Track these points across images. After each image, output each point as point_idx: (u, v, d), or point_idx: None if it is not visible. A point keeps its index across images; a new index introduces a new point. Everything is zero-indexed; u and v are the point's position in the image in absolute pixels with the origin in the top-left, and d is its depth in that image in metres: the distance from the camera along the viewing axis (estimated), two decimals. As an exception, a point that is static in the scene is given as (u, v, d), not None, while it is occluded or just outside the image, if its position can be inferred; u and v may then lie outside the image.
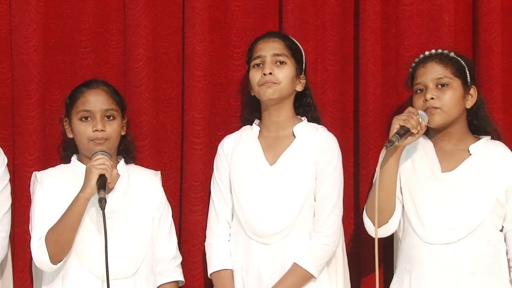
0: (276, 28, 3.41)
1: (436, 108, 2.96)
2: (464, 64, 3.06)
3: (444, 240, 2.98)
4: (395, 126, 2.88)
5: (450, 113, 3.00)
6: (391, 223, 3.00)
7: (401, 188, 3.04)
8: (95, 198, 2.92)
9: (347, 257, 3.24)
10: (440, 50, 3.10)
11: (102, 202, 2.86)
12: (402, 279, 3.02)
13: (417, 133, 2.91)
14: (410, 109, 2.96)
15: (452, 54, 3.07)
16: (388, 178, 2.94)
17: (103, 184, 2.90)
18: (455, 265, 2.98)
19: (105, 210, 2.93)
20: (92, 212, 3.01)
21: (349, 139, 3.40)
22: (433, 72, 3.01)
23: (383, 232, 3.01)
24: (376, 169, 2.99)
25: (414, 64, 3.11)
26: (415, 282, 3.01)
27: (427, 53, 3.10)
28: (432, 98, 2.97)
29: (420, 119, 2.92)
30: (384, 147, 2.84)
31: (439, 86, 3.00)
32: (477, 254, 2.97)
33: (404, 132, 2.87)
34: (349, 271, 3.26)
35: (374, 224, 2.92)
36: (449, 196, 3.02)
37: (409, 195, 3.02)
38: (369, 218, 3.00)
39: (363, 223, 3.08)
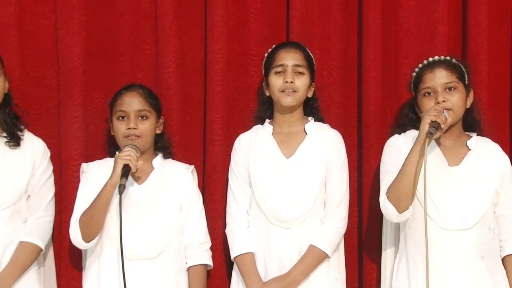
0: (284, 38, 3.49)
1: (449, 109, 3.02)
2: (464, 70, 3.14)
3: (459, 226, 3.04)
4: (427, 121, 2.94)
5: (459, 112, 3.07)
6: (411, 209, 3.05)
7: None
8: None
9: (351, 240, 3.36)
10: (443, 57, 3.15)
11: (120, 188, 2.97)
12: (416, 261, 3.07)
13: (443, 128, 2.98)
14: (436, 107, 3.01)
15: (454, 60, 3.14)
16: (416, 167, 2.97)
17: (126, 173, 3.01)
18: (467, 249, 3.04)
19: (133, 199, 3.10)
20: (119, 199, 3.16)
21: (353, 137, 3.47)
22: (442, 77, 3.06)
23: (405, 216, 3.05)
24: (408, 158, 2.96)
25: (418, 70, 3.16)
26: (431, 264, 3.05)
27: (431, 59, 3.15)
28: (444, 101, 3.03)
29: (446, 116, 2.99)
30: (427, 137, 2.89)
31: (447, 90, 3.06)
32: (483, 239, 3.06)
33: (438, 126, 2.94)
34: (352, 253, 3.37)
35: (397, 209, 2.99)
36: (459, 187, 3.08)
37: (421, 185, 3.07)
38: (392, 203, 3.04)
39: (379, 209, 3.10)
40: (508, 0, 3.50)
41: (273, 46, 3.31)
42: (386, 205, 3.02)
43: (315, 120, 3.28)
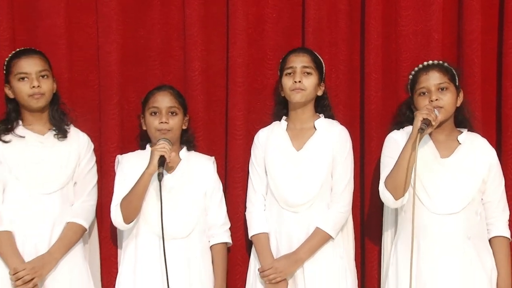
0: (300, 45, 3.61)
1: (441, 107, 3.15)
2: (455, 72, 3.27)
3: (448, 211, 3.16)
4: (419, 119, 3.05)
5: (450, 110, 3.20)
6: (406, 195, 3.16)
7: None
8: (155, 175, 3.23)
9: (354, 222, 3.47)
10: (436, 61, 3.28)
11: (159, 176, 3.14)
12: (409, 242, 3.12)
13: (434, 125, 3.10)
14: (427, 106, 3.13)
15: (446, 64, 3.27)
16: (410, 160, 3.08)
17: (163, 163, 3.18)
18: (455, 230, 3.17)
19: (166, 186, 3.23)
20: (155, 185, 3.25)
21: (356, 132, 3.60)
22: (435, 79, 3.19)
23: (400, 202, 3.18)
24: (402, 152, 3.08)
25: (414, 72, 3.28)
26: (424, 244, 3.17)
27: (425, 63, 3.28)
28: (437, 100, 3.15)
29: (436, 114, 3.11)
30: (418, 133, 3.02)
31: (440, 90, 3.19)
32: (470, 222, 3.19)
33: (428, 122, 3.06)
34: (356, 233, 3.50)
35: (394, 197, 3.13)
36: (449, 177, 3.20)
37: (414, 173, 3.12)
38: (389, 191, 3.16)
39: (379, 199, 3.24)
40: (494, 10, 3.61)
41: (287, 53, 3.44)
42: (384, 193, 3.17)
43: (326, 117, 3.41)
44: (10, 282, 3.19)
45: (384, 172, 3.21)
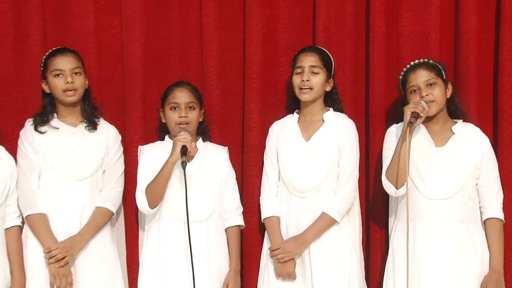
0: (311, 43, 3.70)
1: (432, 101, 3.25)
2: (441, 68, 3.35)
3: (441, 196, 3.25)
4: (407, 113, 3.15)
5: (441, 103, 3.29)
6: (406, 184, 3.23)
7: None
8: (179, 163, 3.28)
9: (360, 207, 3.53)
10: (422, 60, 3.37)
11: (183, 164, 3.22)
12: (406, 224, 3.21)
13: (423, 117, 3.18)
14: (414, 100, 3.22)
15: (431, 61, 3.35)
16: (406, 152, 3.18)
17: (185, 152, 3.26)
18: (448, 214, 3.26)
19: (186, 173, 3.29)
20: (177, 173, 3.33)
21: (362, 124, 3.67)
22: (422, 76, 3.29)
23: (401, 191, 3.25)
24: (397, 145, 3.20)
25: (403, 73, 3.37)
26: (419, 226, 3.26)
27: (412, 63, 3.37)
28: (427, 95, 3.24)
29: (424, 106, 3.19)
30: (408, 127, 3.12)
31: (428, 85, 3.28)
32: (463, 206, 3.28)
33: (417, 115, 3.14)
34: (361, 217, 3.55)
35: (395, 186, 3.22)
36: (443, 164, 3.29)
37: (413, 164, 3.24)
38: (389, 181, 3.26)
39: (382, 186, 3.32)
40: (492, 11, 3.68)
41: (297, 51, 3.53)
42: (386, 184, 3.28)
43: (335, 110, 3.49)
44: (44, 260, 3.29)
45: (385, 163, 3.31)
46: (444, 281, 3.24)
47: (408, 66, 3.38)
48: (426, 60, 3.37)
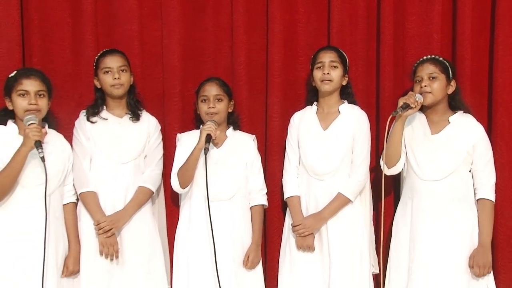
0: (326, 44, 3.82)
1: (429, 92, 3.38)
2: (448, 65, 3.47)
3: (433, 178, 3.41)
4: (399, 104, 3.32)
5: (437, 95, 3.40)
6: (398, 165, 3.44)
7: (405, 144, 3.47)
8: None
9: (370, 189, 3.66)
10: (432, 56, 3.51)
11: (205, 150, 3.38)
12: (406, 202, 3.48)
13: (415, 107, 3.31)
14: (410, 93, 3.36)
15: (441, 58, 3.48)
16: (397, 137, 3.37)
17: (209, 140, 3.40)
18: (441, 193, 3.41)
19: (213, 158, 3.48)
20: (204, 158, 3.44)
21: (373, 114, 3.80)
22: (428, 69, 3.42)
23: (393, 170, 3.45)
24: (390, 131, 3.36)
25: (416, 64, 3.49)
26: (416, 204, 3.44)
27: (424, 57, 3.50)
28: (426, 86, 3.38)
29: (417, 98, 3.32)
30: (391, 114, 3.29)
31: (430, 78, 3.40)
32: (455, 187, 3.41)
33: (405, 106, 3.29)
34: (372, 197, 3.68)
35: (387, 166, 3.44)
36: (437, 150, 3.42)
37: (410, 149, 3.44)
38: (384, 162, 3.45)
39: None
40: (487, 14, 3.81)
41: (316, 50, 3.64)
42: (381, 163, 3.48)
43: (349, 103, 3.60)
44: (94, 231, 3.47)
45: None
46: (437, 251, 3.38)
47: (421, 59, 3.49)
48: (435, 56, 3.50)
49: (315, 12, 3.91)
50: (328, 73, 3.51)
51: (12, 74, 3.39)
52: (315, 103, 3.67)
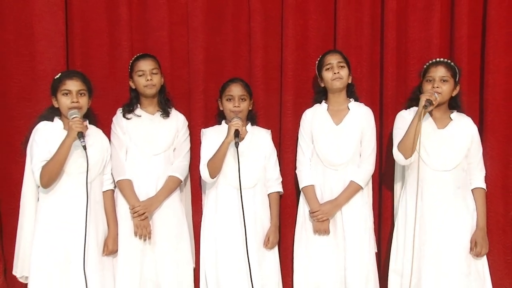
0: (333, 47, 3.98)
1: (439, 93, 3.48)
2: (457, 71, 3.58)
3: (442, 168, 3.54)
4: (423, 99, 3.38)
5: (445, 97, 3.54)
6: (413, 156, 3.48)
7: None
8: (233, 143, 3.56)
9: (374, 176, 3.82)
10: (446, 59, 3.58)
11: (236, 144, 3.52)
12: (415, 190, 3.50)
13: (435, 104, 3.41)
14: (430, 91, 3.44)
15: (452, 63, 3.57)
16: (416, 130, 3.41)
17: (237, 134, 3.55)
18: (448, 182, 3.55)
19: (238, 151, 3.58)
20: (231, 151, 3.62)
21: (376, 111, 3.94)
22: (440, 72, 3.52)
23: (409, 161, 3.48)
24: (411, 123, 3.41)
25: (428, 64, 3.56)
26: (426, 191, 3.53)
27: (438, 59, 3.57)
28: (438, 87, 3.49)
29: (436, 96, 3.43)
30: (423, 109, 3.34)
31: (442, 81, 3.51)
32: (458, 176, 3.57)
33: (430, 102, 3.38)
34: (375, 184, 3.86)
35: (404, 156, 3.45)
36: (444, 143, 3.54)
37: (420, 142, 3.48)
38: (401, 153, 3.47)
39: (392, 157, 3.55)
40: (479, 20, 3.96)
41: (321, 55, 3.79)
42: (397, 155, 3.55)
43: (354, 101, 3.76)
44: (129, 215, 3.64)
45: (396, 139, 3.58)
46: (444, 232, 3.54)
47: (434, 60, 3.59)
48: (448, 61, 3.60)
49: (324, 19, 4.04)
50: (338, 72, 3.68)
51: (57, 76, 3.59)
52: (324, 101, 3.82)
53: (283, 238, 3.95)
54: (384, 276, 3.78)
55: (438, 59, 3.59)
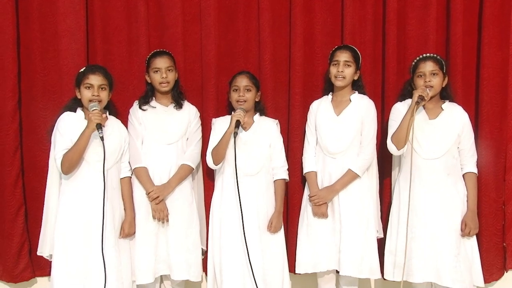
0: (339, 43, 4.05)
1: (431, 87, 3.62)
2: (444, 64, 3.72)
3: (433, 156, 3.66)
4: (416, 95, 3.51)
5: (437, 89, 3.69)
6: (405, 147, 3.62)
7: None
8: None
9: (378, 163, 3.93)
10: (432, 54, 3.72)
11: (235, 134, 3.62)
12: (407, 177, 3.64)
13: (427, 99, 3.55)
14: (422, 87, 3.56)
15: (438, 57, 3.72)
16: (409, 123, 3.54)
17: (238, 125, 3.65)
18: (438, 169, 3.67)
19: (242, 139, 3.71)
20: (236, 140, 3.70)
21: (378, 103, 4.04)
22: (430, 67, 3.65)
23: (401, 151, 3.63)
24: (404, 117, 3.54)
25: (416, 60, 3.69)
26: (418, 177, 3.65)
27: (425, 55, 3.70)
28: (429, 81, 3.63)
29: (428, 92, 3.56)
30: (416, 105, 3.46)
31: (432, 74, 3.65)
32: (448, 163, 3.68)
33: (422, 98, 3.52)
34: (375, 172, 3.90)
35: (397, 147, 3.59)
36: (435, 132, 3.66)
37: (412, 132, 3.60)
38: (393, 144, 3.62)
39: (387, 148, 3.68)
40: (474, 17, 4.07)
41: (334, 48, 3.87)
42: (390, 146, 3.68)
43: (359, 93, 3.87)
44: (145, 200, 3.79)
45: (390, 131, 3.70)
46: (434, 215, 3.66)
47: (421, 56, 3.69)
48: (435, 55, 3.72)
49: (330, 16, 4.15)
50: (342, 71, 3.77)
51: (82, 70, 3.73)
52: (331, 93, 3.95)
53: (290, 223, 4.09)
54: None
55: (425, 55, 3.69)
